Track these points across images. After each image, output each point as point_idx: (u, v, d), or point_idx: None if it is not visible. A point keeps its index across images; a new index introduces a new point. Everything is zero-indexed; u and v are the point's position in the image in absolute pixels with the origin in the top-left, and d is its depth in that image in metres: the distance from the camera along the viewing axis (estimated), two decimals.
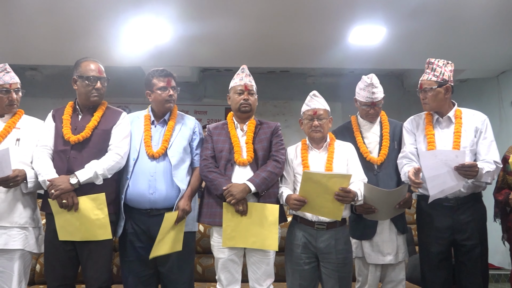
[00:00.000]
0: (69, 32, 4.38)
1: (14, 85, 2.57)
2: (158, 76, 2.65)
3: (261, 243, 2.50)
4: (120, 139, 2.57)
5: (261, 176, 2.50)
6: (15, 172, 2.39)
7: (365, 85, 2.76)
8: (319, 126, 2.60)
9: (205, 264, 3.43)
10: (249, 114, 2.70)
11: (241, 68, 2.74)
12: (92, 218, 2.41)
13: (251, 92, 2.68)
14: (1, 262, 2.44)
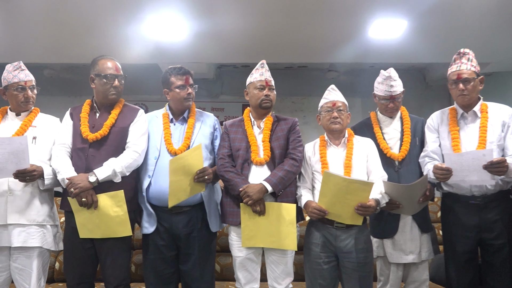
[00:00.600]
0: (85, 29, 4.43)
1: (29, 83, 2.61)
2: (176, 74, 2.66)
3: (280, 243, 2.50)
4: (138, 136, 2.60)
5: (278, 176, 2.49)
6: (32, 167, 2.43)
7: (383, 78, 2.73)
8: (339, 118, 2.58)
9: (224, 263, 3.45)
10: (269, 110, 2.70)
11: (260, 63, 2.73)
12: (112, 216, 2.44)
13: (271, 87, 2.68)
14: (20, 260, 2.49)
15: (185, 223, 2.57)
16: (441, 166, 2.46)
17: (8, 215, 2.44)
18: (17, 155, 2.36)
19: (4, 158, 2.35)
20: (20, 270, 2.49)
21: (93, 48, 4.47)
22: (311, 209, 2.46)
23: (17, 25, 4.32)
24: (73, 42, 4.70)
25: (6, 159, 2.35)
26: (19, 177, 2.41)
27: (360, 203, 2.36)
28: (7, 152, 2.35)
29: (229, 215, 2.58)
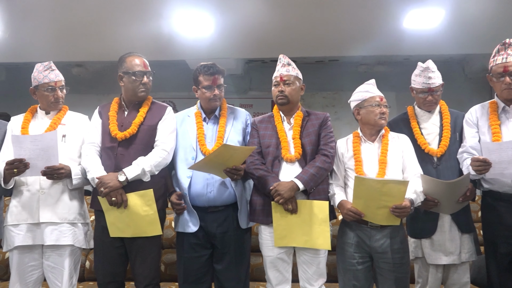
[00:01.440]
0: (112, 26, 4.51)
1: (59, 83, 2.68)
2: (204, 73, 2.66)
3: (313, 242, 2.48)
4: (166, 134, 2.62)
5: (309, 173, 2.47)
6: (60, 165, 2.49)
7: (420, 70, 2.68)
8: (385, 114, 2.55)
9: (254, 263, 3.45)
10: (290, 106, 2.66)
11: (278, 59, 2.71)
12: (142, 215, 2.48)
13: (287, 82, 2.64)
14: (53, 258, 2.56)
15: (221, 222, 2.59)
16: (479, 157, 2.40)
17: (40, 213, 2.51)
18: (47, 151, 2.43)
19: (35, 154, 2.42)
20: (52, 268, 2.56)
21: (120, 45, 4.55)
22: (346, 211, 2.44)
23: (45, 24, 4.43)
24: (100, 39, 4.79)
25: (37, 155, 2.42)
26: (47, 174, 2.47)
27: (395, 205, 2.32)
28: (39, 149, 2.42)
29: (259, 213, 2.58)
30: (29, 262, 2.56)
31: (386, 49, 5.09)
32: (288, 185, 2.45)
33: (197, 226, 2.58)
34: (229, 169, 2.48)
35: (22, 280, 2.56)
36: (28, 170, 2.44)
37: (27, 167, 2.43)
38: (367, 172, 2.52)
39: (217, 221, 2.58)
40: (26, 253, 2.54)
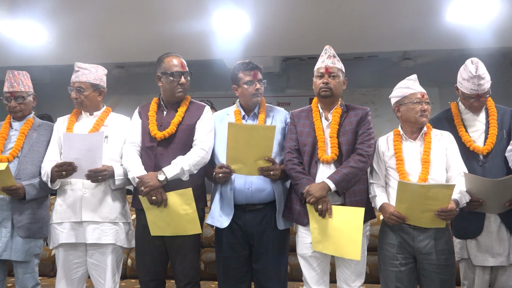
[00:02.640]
0: (151, 28, 4.60)
1: None
2: (244, 69, 2.68)
3: (342, 251, 2.42)
4: (205, 133, 2.65)
5: (341, 173, 2.44)
6: (103, 167, 2.57)
7: (469, 76, 2.56)
8: (426, 111, 2.49)
9: (293, 263, 3.45)
10: (332, 100, 2.62)
11: (324, 49, 2.66)
12: (181, 213, 2.52)
13: (332, 74, 2.59)
14: (95, 256, 2.64)
15: (259, 221, 2.59)
16: None
17: (82, 212, 2.60)
18: (93, 152, 2.51)
19: (83, 154, 2.50)
20: (95, 266, 2.64)
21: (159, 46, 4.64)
22: (388, 215, 2.39)
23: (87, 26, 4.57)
24: (140, 39, 4.90)
25: (84, 155, 2.50)
26: (91, 178, 2.55)
27: (440, 208, 2.26)
28: (86, 149, 2.50)
29: (296, 213, 2.57)
30: (73, 260, 2.65)
31: (428, 43, 4.95)
32: (319, 185, 2.43)
33: (227, 222, 2.58)
34: (260, 168, 2.48)
35: (68, 276, 2.65)
36: (74, 173, 2.53)
37: (75, 170, 2.51)
38: (409, 171, 2.47)
39: (255, 220, 2.59)
40: (71, 250, 2.64)
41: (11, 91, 2.79)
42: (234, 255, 2.63)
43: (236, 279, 2.64)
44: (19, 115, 2.84)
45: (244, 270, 2.65)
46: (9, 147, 2.76)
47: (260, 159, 2.49)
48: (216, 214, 2.63)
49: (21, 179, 2.67)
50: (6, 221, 2.67)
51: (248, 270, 2.67)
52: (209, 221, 2.65)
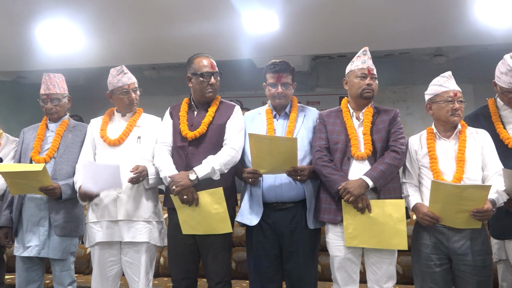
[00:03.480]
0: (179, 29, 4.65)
1: (132, 85, 2.80)
2: (269, 71, 2.68)
3: (388, 243, 2.41)
4: (235, 133, 2.67)
5: (378, 170, 2.41)
6: (141, 167, 2.61)
7: (508, 69, 2.48)
8: (459, 110, 2.43)
9: (324, 262, 3.43)
10: (370, 101, 2.61)
11: (362, 50, 2.65)
12: (212, 212, 2.53)
13: (373, 76, 2.59)
14: (130, 254, 2.69)
15: (289, 220, 2.58)
16: None
17: (118, 212, 2.65)
18: (111, 181, 2.57)
19: (102, 179, 2.57)
20: (130, 264, 2.69)
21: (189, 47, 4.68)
22: (421, 215, 2.35)
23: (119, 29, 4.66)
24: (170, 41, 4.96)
25: (103, 181, 2.58)
26: (133, 181, 2.60)
27: (476, 208, 2.21)
28: (103, 179, 2.57)
29: (326, 212, 2.54)
30: (108, 258, 2.71)
31: (461, 38, 4.83)
32: (357, 182, 2.40)
33: (257, 220, 2.58)
34: (287, 173, 2.48)
35: (103, 274, 2.71)
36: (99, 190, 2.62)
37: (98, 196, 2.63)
38: (444, 170, 2.42)
39: (285, 219, 2.58)
40: (106, 249, 2.69)
41: (47, 93, 2.87)
42: (264, 254, 2.62)
43: (267, 278, 2.64)
44: (55, 117, 2.91)
45: (274, 270, 2.64)
46: (45, 148, 2.85)
47: (286, 164, 2.49)
48: (245, 212, 2.64)
49: (57, 179, 2.74)
50: (43, 220, 2.75)
51: (279, 269, 2.66)
52: (239, 219, 2.66)
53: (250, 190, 2.63)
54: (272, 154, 2.44)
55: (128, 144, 2.72)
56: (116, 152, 2.70)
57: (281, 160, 2.46)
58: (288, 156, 2.45)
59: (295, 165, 2.48)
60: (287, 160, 2.46)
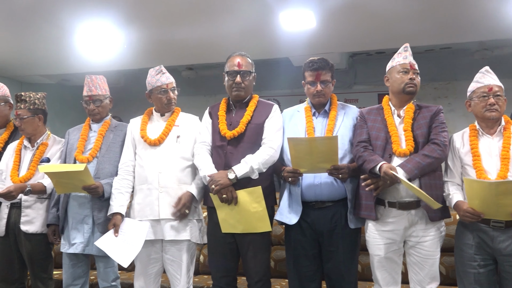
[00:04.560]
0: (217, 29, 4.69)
1: (170, 85, 2.86)
2: (308, 69, 2.68)
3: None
4: (273, 132, 2.68)
5: (414, 160, 2.38)
6: (181, 202, 2.68)
7: None
8: (496, 104, 2.37)
9: (364, 262, 3.39)
10: (412, 97, 2.58)
11: (403, 46, 2.62)
12: (251, 211, 2.56)
13: (416, 72, 2.56)
14: (172, 252, 2.74)
15: (329, 219, 2.57)
16: None
17: (160, 210, 2.71)
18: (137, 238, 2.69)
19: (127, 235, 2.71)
20: (172, 261, 2.74)
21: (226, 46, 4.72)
22: (463, 212, 2.30)
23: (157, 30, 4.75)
24: (208, 41, 5.02)
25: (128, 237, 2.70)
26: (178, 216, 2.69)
27: None
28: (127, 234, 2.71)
29: (365, 208, 2.52)
30: (151, 255, 2.77)
31: (505, 32, 4.67)
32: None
33: (296, 219, 2.57)
34: (328, 171, 2.47)
35: (145, 271, 2.78)
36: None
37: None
38: (487, 168, 2.36)
39: (324, 218, 2.57)
40: (149, 246, 2.75)
41: (89, 95, 2.96)
42: (303, 253, 2.62)
43: (306, 277, 2.63)
44: (97, 118, 3.00)
45: (314, 269, 2.64)
46: (88, 148, 2.94)
47: (326, 163, 2.47)
48: (284, 211, 2.64)
49: (100, 178, 2.82)
50: (87, 218, 2.84)
51: (318, 269, 2.65)
52: (278, 218, 2.66)
53: (289, 189, 2.64)
54: (312, 154, 2.43)
55: (168, 143, 2.78)
56: (156, 151, 2.76)
57: (321, 159, 2.45)
58: (329, 155, 2.43)
59: (335, 164, 2.46)
60: (327, 159, 2.44)
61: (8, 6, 4.15)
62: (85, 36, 4.84)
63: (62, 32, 4.76)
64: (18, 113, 3.02)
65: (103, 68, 5.62)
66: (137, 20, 4.56)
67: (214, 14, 4.43)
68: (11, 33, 4.79)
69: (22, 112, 3.02)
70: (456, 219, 2.55)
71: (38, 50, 5.31)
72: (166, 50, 5.28)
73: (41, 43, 5.06)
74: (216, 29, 4.71)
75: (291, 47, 5.09)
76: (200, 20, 4.57)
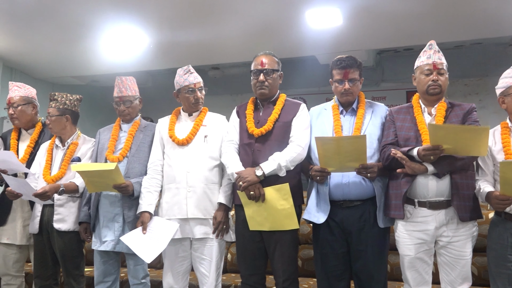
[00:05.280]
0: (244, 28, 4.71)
1: (197, 84, 2.89)
2: (336, 67, 2.67)
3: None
4: (301, 130, 2.68)
5: (447, 160, 2.33)
6: (217, 219, 2.73)
7: None
8: None
9: (393, 262, 3.36)
10: (439, 96, 2.53)
11: (428, 45, 2.58)
12: (279, 209, 2.56)
13: (440, 71, 2.51)
14: (201, 250, 2.77)
15: (357, 218, 2.55)
16: None
17: (188, 209, 2.74)
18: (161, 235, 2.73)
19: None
20: (201, 259, 2.77)
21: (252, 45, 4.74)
22: (494, 201, 2.25)
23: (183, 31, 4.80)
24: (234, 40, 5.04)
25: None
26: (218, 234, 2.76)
27: None
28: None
29: (394, 208, 2.49)
30: (179, 253, 2.81)
31: None
32: (416, 165, 2.37)
33: (324, 218, 2.56)
34: (357, 170, 2.45)
35: (174, 269, 2.81)
36: None
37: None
38: None
39: (353, 217, 2.55)
40: (177, 245, 2.79)
41: (120, 96, 3.02)
42: (332, 252, 2.61)
43: (335, 276, 2.62)
44: (127, 118, 3.06)
45: (342, 268, 2.62)
46: (119, 148, 3.00)
47: (355, 162, 2.45)
48: (312, 209, 2.63)
49: (130, 177, 2.88)
50: (118, 216, 2.90)
51: (347, 268, 2.63)
52: (306, 217, 2.66)
53: (317, 188, 2.63)
54: (340, 153, 2.41)
55: (195, 143, 2.81)
56: (184, 151, 2.80)
57: (350, 158, 2.43)
58: (357, 154, 2.41)
59: (364, 163, 2.44)
60: (356, 158, 2.42)
61: (42, 11, 4.27)
62: (113, 38, 4.93)
63: (90, 35, 4.86)
64: (48, 111, 3.11)
65: (130, 69, 5.72)
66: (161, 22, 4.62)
67: (238, 13, 4.45)
68: (44, 36, 4.92)
69: (51, 111, 3.10)
70: (489, 218, 2.50)
71: (69, 53, 5.44)
72: (192, 50, 5.32)
73: (72, 45, 5.19)
74: (241, 28, 4.72)
75: (318, 45, 5.06)
76: (226, 20, 4.59)
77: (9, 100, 3.29)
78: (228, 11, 4.43)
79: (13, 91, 3.31)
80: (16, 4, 4.11)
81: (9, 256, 3.25)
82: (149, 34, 4.91)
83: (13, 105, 3.27)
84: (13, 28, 4.71)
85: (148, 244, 2.69)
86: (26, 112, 3.30)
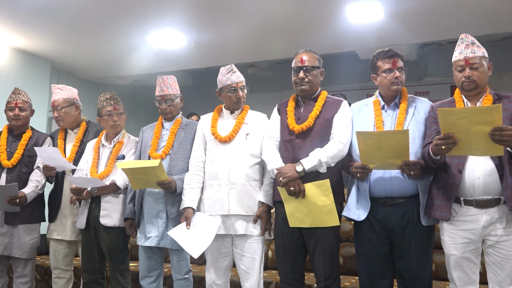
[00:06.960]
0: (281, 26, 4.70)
1: (240, 84, 2.91)
2: (383, 57, 2.63)
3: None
4: (342, 127, 2.66)
5: None
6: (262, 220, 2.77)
7: None
8: None
9: (438, 261, 3.29)
10: (478, 91, 2.44)
11: (460, 38, 2.48)
12: (319, 205, 2.55)
13: (474, 66, 2.40)
14: (243, 246, 2.79)
15: (400, 216, 2.50)
16: None
17: (230, 206, 2.77)
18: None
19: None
20: (243, 256, 2.79)
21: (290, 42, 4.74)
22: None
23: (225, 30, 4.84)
24: (273, 39, 5.04)
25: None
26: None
27: None
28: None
29: (438, 208, 2.42)
30: (221, 250, 2.84)
31: None
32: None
33: (364, 215, 2.53)
34: (399, 167, 2.40)
35: (216, 265, 2.85)
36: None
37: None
38: None
39: (396, 215, 2.50)
40: (219, 241, 2.82)
41: (161, 95, 3.08)
42: (374, 250, 2.57)
43: (377, 275, 2.58)
44: (169, 116, 3.13)
45: (385, 267, 2.58)
46: (161, 146, 3.07)
47: (397, 159, 2.40)
48: (352, 207, 2.61)
49: (173, 174, 2.93)
50: (161, 212, 2.96)
51: (390, 267, 2.59)
52: (346, 213, 2.63)
53: (357, 184, 2.60)
54: (381, 149, 2.37)
55: (237, 141, 2.84)
56: (226, 148, 2.83)
57: (391, 155, 2.38)
58: (399, 150, 2.36)
59: (406, 159, 2.39)
60: (398, 154, 2.37)
61: (87, 14, 4.41)
62: (154, 39, 5.03)
63: (133, 36, 4.98)
64: (116, 108, 3.22)
65: (171, 68, 5.83)
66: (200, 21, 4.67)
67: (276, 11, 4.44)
68: (89, 38, 5.08)
69: (121, 108, 3.25)
70: None
71: (113, 54, 5.59)
72: (231, 49, 5.35)
73: (115, 47, 5.33)
74: (280, 26, 4.71)
75: (358, 40, 4.99)
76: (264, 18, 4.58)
77: (53, 103, 3.44)
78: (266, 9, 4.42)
79: (55, 94, 3.45)
80: (65, 9, 4.26)
81: (59, 251, 3.40)
82: (188, 34, 4.98)
83: (57, 108, 3.41)
84: (61, 31, 4.88)
85: (193, 239, 2.73)
86: (70, 114, 3.43)
